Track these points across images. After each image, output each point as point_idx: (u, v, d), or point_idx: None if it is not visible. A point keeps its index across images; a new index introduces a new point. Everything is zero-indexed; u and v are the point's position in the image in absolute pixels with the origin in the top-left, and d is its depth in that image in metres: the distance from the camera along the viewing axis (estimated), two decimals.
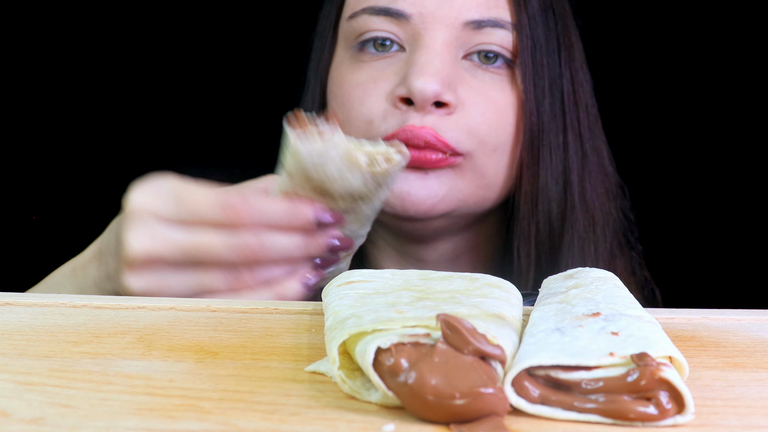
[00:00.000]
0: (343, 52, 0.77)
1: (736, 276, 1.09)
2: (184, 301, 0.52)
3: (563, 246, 0.75)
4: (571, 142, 0.76)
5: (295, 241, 0.56)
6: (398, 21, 0.72)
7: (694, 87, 1.11)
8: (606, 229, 0.78)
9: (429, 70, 0.68)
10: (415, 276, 0.48)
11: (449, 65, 0.70)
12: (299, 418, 0.34)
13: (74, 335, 0.44)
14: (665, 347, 0.36)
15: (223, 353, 0.42)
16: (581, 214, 0.76)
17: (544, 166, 0.74)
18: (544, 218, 0.75)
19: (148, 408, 0.34)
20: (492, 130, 0.72)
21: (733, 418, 0.35)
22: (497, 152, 0.72)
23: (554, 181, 0.75)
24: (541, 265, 0.76)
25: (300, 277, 0.57)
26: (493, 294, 0.44)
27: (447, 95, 0.69)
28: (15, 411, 0.34)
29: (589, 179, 0.77)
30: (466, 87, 0.71)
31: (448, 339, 0.34)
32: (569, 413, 0.34)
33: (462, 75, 0.71)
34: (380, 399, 0.35)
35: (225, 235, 0.55)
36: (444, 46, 0.70)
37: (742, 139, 1.11)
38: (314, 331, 0.46)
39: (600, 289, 0.44)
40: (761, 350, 0.44)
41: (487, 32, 0.72)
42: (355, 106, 0.72)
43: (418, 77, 0.68)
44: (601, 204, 0.78)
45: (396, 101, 0.70)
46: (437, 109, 0.69)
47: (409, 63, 0.70)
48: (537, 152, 0.74)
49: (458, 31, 0.71)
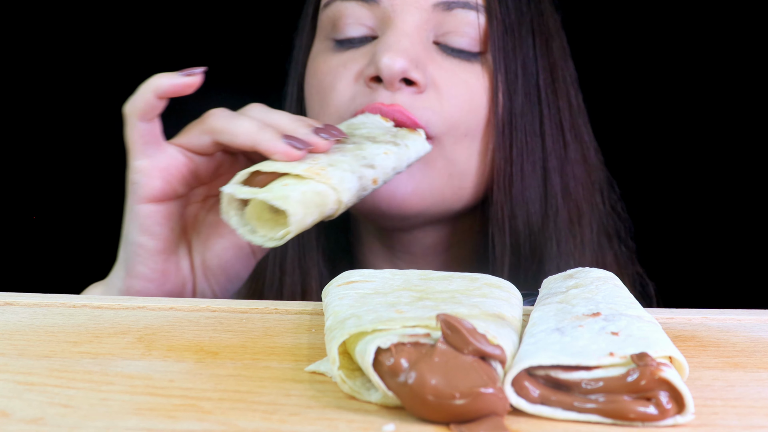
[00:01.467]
0: (319, 43, 0.77)
1: (736, 276, 1.09)
2: (184, 301, 0.52)
3: (545, 234, 0.75)
4: (548, 130, 0.75)
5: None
6: (369, 5, 0.72)
7: (691, 82, 1.11)
8: (592, 220, 0.78)
9: (397, 47, 0.68)
10: (415, 276, 0.48)
11: (419, 46, 0.70)
12: (299, 418, 0.34)
13: (74, 335, 0.44)
14: (665, 347, 0.36)
15: (223, 353, 0.42)
16: (563, 203, 0.75)
17: (518, 152, 0.73)
18: (519, 205, 0.74)
19: (148, 408, 0.34)
20: (464, 113, 0.71)
21: (733, 418, 0.35)
22: (468, 137, 0.72)
23: (530, 168, 0.74)
24: (519, 252, 0.75)
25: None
26: (493, 294, 0.44)
27: (415, 73, 0.68)
28: (15, 411, 0.34)
29: (572, 169, 0.76)
30: (437, 67, 0.71)
31: (448, 339, 0.34)
32: (569, 413, 0.34)
33: (433, 56, 0.71)
34: (380, 399, 0.35)
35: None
36: (414, 28, 0.71)
37: (742, 134, 1.11)
38: (314, 331, 0.46)
39: (600, 289, 0.45)
40: (761, 350, 0.44)
41: (457, 14, 0.72)
42: (327, 91, 0.73)
43: (384, 53, 0.68)
44: (586, 195, 0.78)
45: (366, 81, 0.70)
46: (407, 87, 0.69)
47: (378, 43, 0.71)
48: (510, 137, 0.73)
49: (428, 14, 0.71)
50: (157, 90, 0.58)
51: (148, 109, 0.59)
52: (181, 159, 0.61)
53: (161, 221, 0.61)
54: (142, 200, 0.60)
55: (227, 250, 0.64)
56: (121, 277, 0.62)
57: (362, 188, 0.58)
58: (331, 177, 0.54)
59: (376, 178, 0.59)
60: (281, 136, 0.57)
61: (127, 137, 0.60)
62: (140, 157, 0.60)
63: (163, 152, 0.61)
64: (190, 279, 0.64)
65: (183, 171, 0.61)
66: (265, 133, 0.57)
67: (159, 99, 0.59)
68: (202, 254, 0.64)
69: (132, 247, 0.61)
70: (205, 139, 0.60)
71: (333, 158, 0.57)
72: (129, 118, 0.59)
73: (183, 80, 0.58)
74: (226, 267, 0.64)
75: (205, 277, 0.64)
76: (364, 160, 0.58)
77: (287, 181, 0.53)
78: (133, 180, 0.60)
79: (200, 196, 0.65)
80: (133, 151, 0.60)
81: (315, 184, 0.53)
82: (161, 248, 0.61)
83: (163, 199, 0.61)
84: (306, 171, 0.54)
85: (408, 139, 0.64)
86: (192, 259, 0.64)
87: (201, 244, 0.64)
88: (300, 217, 0.52)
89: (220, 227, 0.64)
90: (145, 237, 0.61)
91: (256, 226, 0.54)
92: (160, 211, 0.61)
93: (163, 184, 0.60)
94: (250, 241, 0.54)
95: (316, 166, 0.55)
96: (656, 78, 1.12)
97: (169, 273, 0.62)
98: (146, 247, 0.61)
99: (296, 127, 0.58)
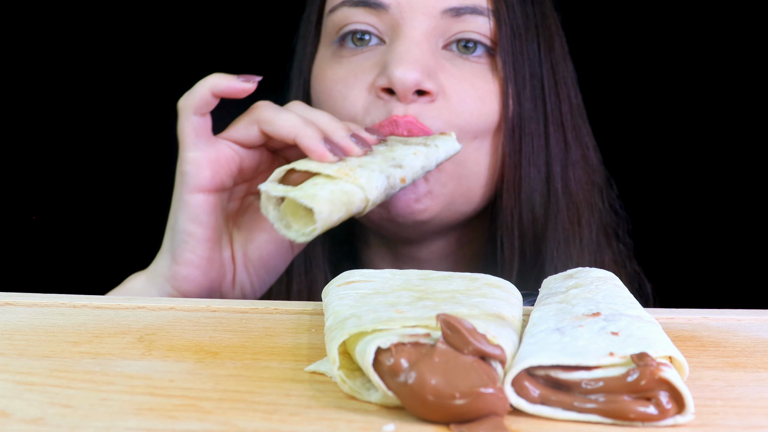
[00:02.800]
0: (324, 49, 0.77)
1: (736, 276, 1.09)
2: (184, 301, 0.52)
3: (547, 236, 0.75)
4: (552, 132, 0.76)
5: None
6: (377, 12, 0.72)
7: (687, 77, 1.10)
8: (591, 220, 0.78)
9: (408, 58, 0.69)
10: (415, 276, 0.48)
11: (429, 54, 0.70)
12: (299, 418, 0.34)
13: (74, 335, 0.44)
14: (665, 347, 0.36)
15: (223, 353, 0.42)
16: (565, 204, 0.76)
17: (526, 156, 0.74)
18: (527, 208, 0.75)
19: (148, 408, 0.34)
20: (474, 118, 0.72)
21: (733, 418, 0.35)
22: (477, 140, 0.72)
23: (536, 171, 0.75)
24: (525, 256, 0.76)
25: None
26: (493, 294, 0.44)
27: (427, 83, 0.69)
28: (15, 411, 0.34)
29: (573, 170, 0.77)
30: (447, 75, 0.71)
31: (448, 339, 0.34)
32: (569, 413, 0.34)
33: (442, 64, 0.72)
34: (380, 399, 0.35)
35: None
36: (423, 35, 0.71)
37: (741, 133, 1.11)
38: (314, 331, 0.46)
39: (600, 289, 0.45)
40: (761, 350, 0.44)
41: (466, 19, 0.72)
42: (338, 101, 0.73)
43: (397, 66, 0.68)
44: (585, 195, 0.78)
45: (378, 92, 0.70)
46: (419, 98, 0.69)
47: (389, 53, 0.71)
48: (519, 141, 0.74)
49: (437, 20, 0.71)
50: (214, 88, 0.62)
51: (203, 105, 0.62)
52: (229, 152, 0.64)
53: (209, 210, 0.64)
54: (193, 190, 0.63)
55: (267, 244, 0.67)
56: (167, 265, 0.65)
57: (390, 187, 0.61)
58: (359, 177, 0.58)
59: (404, 176, 0.62)
60: (321, 136, 0.60)
61: (180, 129, 0.64)
62: (192, 149, 0.63)
63: (212, 145, 0.64)
64: (231, 269, 0.67)
65: (231, 164, 0.65)
66: (308, 129, 0.61)
67: (214, 97, 0.62)
68: (244, 246, 0.67)
69: (181, 235, 0.64)
70: (253, 129, 0.64)
71: (364, 160, 0.61)
72: (184, 111, 0.63)
73: (240, 85, 0.62)
74: (266, 259, 0.68)
75: (246, 268, 0.68)
76: (393, 161, 0.62)
77: (318, 181, 0.57)
78: (184, 171, 0.64)
79: (242, 192, 0.68)
80: (186, 143, 0.63)
81: (344, 183, 0.57)
82: (208, 236, 0.64)
83: (212, 189, 0.64)
84: (337, 171, 0.57)
85: (438, 140, 0.66)
86: (233, 251, 0.67)
87: (242, 237, 0.68)
88: (326, 215, 0.55)
89: (261, 221, 0.67)
90: (194, 225, 0.64)
91: (291, 221, 0.58)
92: (208, 200, 0.64)
93: (212, 174, 0.63)
94: (284, 235, 0.58)
95: (346, 167, 0.58)
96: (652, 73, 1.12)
97: (214, 261, 0.65)
98: (195, 234, 0.64)
99: (335, 128, 0.62)
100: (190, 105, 0.62)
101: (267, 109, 0.64)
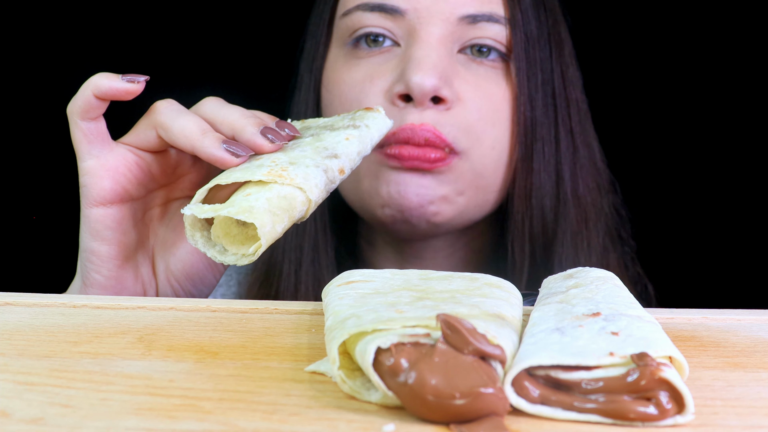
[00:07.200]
0: (338, 50, 0.77)
1: (736, 276, 1.09)
2: (184, 301, 0.52)
3: (556, 241, 0.76)
4: (562, 137, 0.76)
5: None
6: (393, 17, 0.72)
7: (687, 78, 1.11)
8: (598, 224, 0.79)
9: (426, 64, 0.68)
10: (415, 276, 0.48)
11: (445, 59, 0.70)
12: (299, 418, 0.34)
13: (74, 335, 0.44)
14: (665, 347, 0.36)
15: (223, 353, 0.42)
16: (573, 208, 0.76)
17: (538, 161, 0.74)
18: (537, 213, 0.75)
19: (148, 408, 0.34)
20: (488, 126, 0.72)
21: (733, 418, 0.35)
22: (495, 150, 0.73)
23: (547, 176, 0.75)
24: (536, 260, 0.76)
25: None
26: (493, 294, 0.44)
27: (445, 90, 0.69)
28: (15, 411, 0.34)
29: (581, 174, 0.77)
30: (462, 81, 0.71)
31: (448, 339, 0.34)
32: (569, 413, 0.34)
33: (457, 69, 0.72)
34: (380, 399, 0.35)
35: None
36: (439, 40, 0.71)
37: (741, 135, 1.11)
38: (314, 331, 0.46)
39: (600, 289, 0.44)
40: (761, 350, 0.44)
41: (482, 26, 0.72)
42: (353, 105, 0.72)
43: (416, 72, 0.68)
44: (593, 199, 0.78)
45: (394, 98, 0.70)
46: (435, 105, 0.69)
47: (406, 59, 0.70)
48: (531, 147, 0.74)
49: (453, 26, 0.71)
50: (95, 89, 0.55)
51: (88, 108, 0.56)
52: (130, 157, 0.58)
53: (112, 225, 0.57)
54: (92, 203, 0.57)
55: (190, 255, 0.61)
56: (77, 287, 0.60)
57: (330, 182, 0.54)
58: (294, 176, 0.51)
59: (342, 167, 0.55)
60: (221, 141, 0.53)
61: (72, 138, 0.57)
62: (87, 158, 0.57)
63: (110, 151, 0.57)
64: (152, 285, 0.61)
65: (134, 170, 0.58)
66: (205, 138, 0.54)
67: (97, 99, 0.55)
68: (165, 260, 0.61)
69: (85, 254, 0.58)
70: (151, 134, 0.57)
71: (293, 155, 0.53)
72: (71, 117, 0.57)
73: (123, 85, 0.55)
74: (191, 272, 0.61)
75: (169, 283, 0.61)
76: (325, 150, 0.55)
77: (249, 190, 0.49)
78: (82, 183, 0.58)
79: (160, 199, 0.62)
80: (79, 151, 0.57)
81: (279, 187, 0.50)
82: (114, 254, 0.58)
83: (115, 201, 0.57)
84: (267, 175, 0.50)
85: (367, 119, 0.59)
86: (154, 265, 0.61)
87: (163, 249, 0.61)
88: (269, 227, 0.49)
89: (182, 230, 0.61)
90: (97, 243, 0.58)
91: (226, 243, 0.51)
92: (111, 214, 0.57)
93: (112, 184, 0.57)
94: (221, 262, 0.51)
95: (276, 168, 0.51)
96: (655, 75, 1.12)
97: (125, 280, 0.59)
98: (98, 253, 0.58)
99: (244, 126, 0.54)
100: (75, 110, 0.56)
101: (163, 112, 0.56)
